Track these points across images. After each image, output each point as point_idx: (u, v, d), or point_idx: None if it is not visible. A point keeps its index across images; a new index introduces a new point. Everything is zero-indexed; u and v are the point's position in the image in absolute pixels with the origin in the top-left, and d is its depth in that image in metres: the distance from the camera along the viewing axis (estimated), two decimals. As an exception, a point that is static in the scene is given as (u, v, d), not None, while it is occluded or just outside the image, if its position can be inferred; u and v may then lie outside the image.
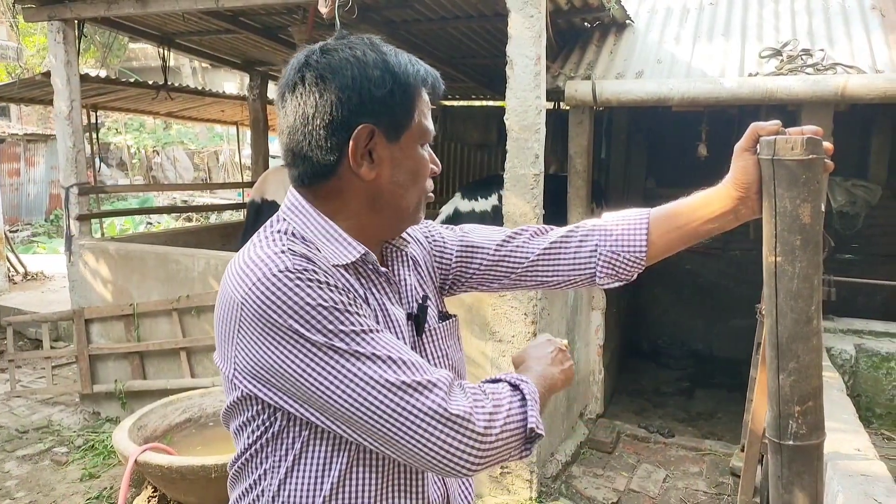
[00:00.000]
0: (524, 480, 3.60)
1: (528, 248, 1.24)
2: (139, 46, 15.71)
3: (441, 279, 1.27)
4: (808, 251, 1.02)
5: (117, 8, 4.31)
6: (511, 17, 3.31)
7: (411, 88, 1.03)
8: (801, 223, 1.01)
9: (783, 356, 1.05)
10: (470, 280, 1.27)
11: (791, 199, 1.01)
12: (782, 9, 4.67)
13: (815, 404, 1.06)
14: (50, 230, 13.62)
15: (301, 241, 1.02)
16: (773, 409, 1.08)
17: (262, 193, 5.46)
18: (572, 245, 1.22)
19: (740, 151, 1.09)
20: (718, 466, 4.13)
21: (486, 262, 1.25)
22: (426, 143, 1.08)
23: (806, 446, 1.06)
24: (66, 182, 4.72)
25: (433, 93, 1.08)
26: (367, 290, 1.05)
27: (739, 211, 1.11)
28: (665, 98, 3.90)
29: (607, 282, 1.22)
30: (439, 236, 1.27)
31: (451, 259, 1.26)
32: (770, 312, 1.06)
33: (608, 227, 1.22)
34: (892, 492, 2.07)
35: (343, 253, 1.03)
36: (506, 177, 3.45)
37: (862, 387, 3.91)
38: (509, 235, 1.26)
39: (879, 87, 3.57)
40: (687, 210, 1.17)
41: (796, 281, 1.03)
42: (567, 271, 1.23)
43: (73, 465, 4.10)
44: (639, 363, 6.39)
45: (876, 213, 5.90)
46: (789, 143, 1.01)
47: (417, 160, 1.06)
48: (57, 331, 6.39)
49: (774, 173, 1.02)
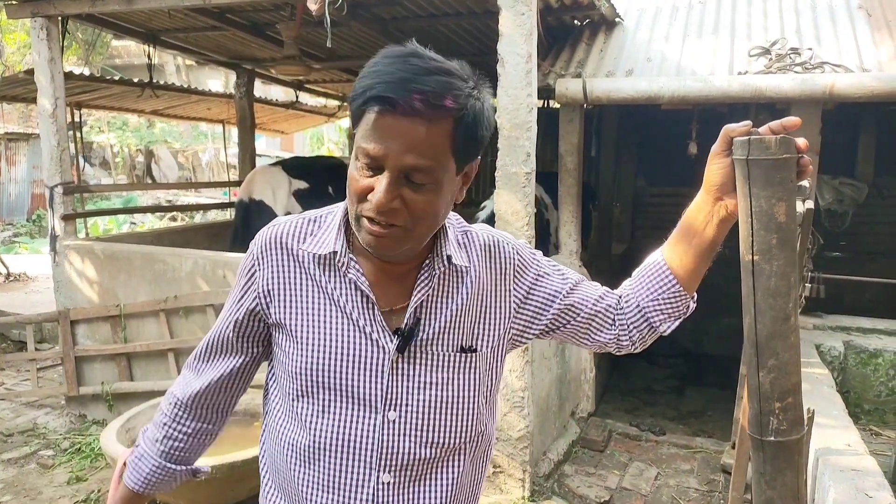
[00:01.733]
0: (516, 479, 3.59)
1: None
2: (122, 44, 15.52)
3: (526, 321, 1.24)
4: (785, 249, 1.03)
5: (102, 4, 4.25)
6: (502, 14, 3.30)
7: (358, 99, 0.99)
8: (777, 222, 1.02)
9: (762, 353, 1.06)
10: (556, 332, 1.27)
11: (766, 198, 1.02)
12: (770, 7, 4.70)
13: (794, 400, 1.06)
14: (32, 230, 13.44)
15: (312, 222, 1.16)
16: (753, 406, 1.09)
17: (250, 193, 5.43)
18: (626, 310, 1.26)
19: (712, 155, 1.10)
20: (709, 464, 4.15)
21: (580, 319, 1.25)
22: (364, 162, 0.99)
23: (787, 442, 1.07)
24: (50, 181, 4.64)
25: (385, 101, 0.94)
26: (328, 280, 1.12)
27: (718, 213, 1.13)
28: (655, 96, 3.91)
29: (668, 324, 1.24)
30: (549, 286, 1.24)
31: (550, 310, 1.24)
32: (748, 310, 1.06)
33: (636, 284, 1.26)
34: (882, 486, 2.09)
35: (324, 243, 1.12)
36: (497, 175, 3.44)
37: (851, 383, 3.95)
38: (601, 295, 1.27)
39: (867, 87, 3.60)
40: (686, 226, 1.18)
41: (774, 279, 1.03)
42: (629, 333, 1.26)
43: (59, 468, 4.03)
44: (630, 362, 6.39)
45: (863, 211, 5.97)
46: (763, 143, 1.01)
47: (350, 171, 1.03)
48: (41, 332, 6.31)
49: (749, 174, 1.03)
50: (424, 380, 1.12)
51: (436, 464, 1.14)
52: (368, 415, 1.10)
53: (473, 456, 1.20)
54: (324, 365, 1.10)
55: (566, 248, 4.57)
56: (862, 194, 5.93)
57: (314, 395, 1.11)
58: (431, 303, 1.13)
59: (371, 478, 1.10)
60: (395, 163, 0.96)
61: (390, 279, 1.13)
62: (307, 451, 1.12)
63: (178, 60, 15.75)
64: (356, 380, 1.10)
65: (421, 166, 0.97)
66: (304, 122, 9.81)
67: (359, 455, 1.10)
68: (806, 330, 4.06)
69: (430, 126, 0.96)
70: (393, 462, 1.10)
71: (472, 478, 1.22)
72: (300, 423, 1.12)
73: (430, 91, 0.95)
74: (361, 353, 1.10)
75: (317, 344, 1.10)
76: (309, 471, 1.13)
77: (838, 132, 5.83)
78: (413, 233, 1.03)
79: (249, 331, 1.20)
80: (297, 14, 4.52)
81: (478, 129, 1.02)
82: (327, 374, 1.10)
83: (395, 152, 0.96)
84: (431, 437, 1.12)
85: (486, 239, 1.21)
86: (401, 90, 0.94)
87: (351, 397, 1.10)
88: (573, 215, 4.55)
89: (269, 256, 1.15)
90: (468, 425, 1.16)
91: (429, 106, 0.95)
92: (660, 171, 6.57)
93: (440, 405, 1.12)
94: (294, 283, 1.13)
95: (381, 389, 1.10)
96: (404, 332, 1.10)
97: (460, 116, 0.98)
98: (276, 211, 5.29)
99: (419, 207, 1.00)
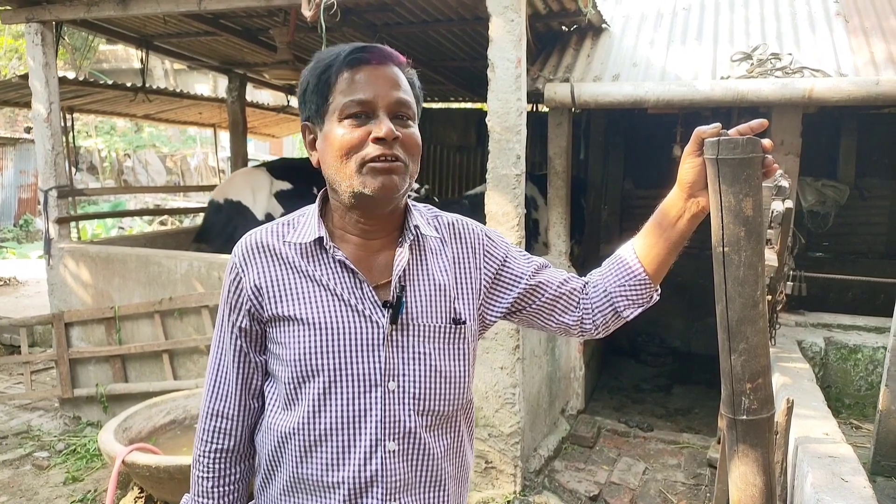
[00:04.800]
0: (508, 475, 3.67)
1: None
2: (109, 48, 15.50)
3: (494, 300, 1.32)
4: (752, 241, 1.12)
5: (98, 10, 4.29)
6: (492, 21, 3.38)
7: (325, 74, 1.15)
8: (745, 216, 1.11)
9: (734, 338, 1.15)
10: (521, 312, 1.35)
11: (734, 194, 1.11)
12: (752, 14, 4.81)
13: (764, 381, 1.15)
14: (19, 235, 13.35)
15: (286, 224, 1.23)
16: (727, 387, 1.18)
17: (225, 194, 5.40)
18: (592, 295, 1.34)
19: (685, 155, 1.19)
20: (696, 458, 4.24)
21: (545, 299, 1.33)
22: (350, 114, 1.12)
23: (758, 420, 1.15)
24: (45, 185, 4.68)
25: (356, 60, 1.13)
26: (314, 268, 1.18)
27: (690, 209, 1.22)
28: (641, 100, 4.01)
29: (632, 310, 1.32)
30: (516, 266, 1.33)
31: (516, 288, 1.32)
32: (720, 299, 1.16)
33: (605, 271, 1.35)
34: (857, 471, 2.18)
35: (306, 233, 1.20)
36: (488, 177, 3.53)
37: (832, 378, 4.05)
38: (566, 278, 1.36)
39: (844, 90, 3.72)
40: (659, 219, 1.27)
41: (742, 269, 1.12)
42: (593, 317, 1.34)
43: (55, 469, 4.06)
44: (619, 360, 6.50)
45: (846, 213, 6.10)
46: (731, 143, 1.11)
47: (335, 135, 1.13)
48: (33, 336, 6.31)
49: (718, 171, 1.12)
50: (419, 350, 1.19)
51: (432, 431, 1.21)
52: (370, 389, 1.16)
53: (463, 424, 1.28)
54: (322, 348, 1.15)
55: (555, 249, 4.66)
56: (844, 196, 6.06)
57: (315, 379, 1.15)
58: (413, 274, 1.22)
59: (378, 448, 1.16)
60: (386, 101, 1.13)
61: (370, 256, 1.22)
62: (316, 434, 1.16)
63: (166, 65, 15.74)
64: (355, 357, 1.16)
65: (405, 100, 1.15)
66: (294, 125, 9.83)
67: (366, 428, 1.16)
68: (788, 326, 4.16)
69: (399, 70, 1.17)
70: (397, 430, 1.17)
71: (463, 446, 1.29)
72: (305, 410, 1.16)
73: (386, 49, 1.17)
74: (357, 331, 1.16)
75: (313, 329, 1.16)
76: (317, 455, 1.16)
77: (820, 135, 5.98)
78: (409, 167, 1.16)
79: (253, 335, 1.22)
80: (291, 20, 4.59)
81: (420, 92, 1.23)
82: (327, 356, 1.15)
83: (384, 91, 1.13)
84: (428, 406, 1.20)
85: (452, 220, 1.33)
86: (366, 48, 1.15)
87: (351, 375, 1.16)
88: (562, 217, 4.64)
89: (252, 260, 1.20)
90: (460, 393, 1.24)
91: (390, 56, 1.16)
92: (647, 173, 6.68)
93: (435, 374, 1.20)
94: (281, 278, 1.18)
95: (379, 363, 1.16)
96: (393, 301, 1.18)
97: (410, 73, 1.21)
98: (255, 212, 5.28)
99: (411, 140, 1.16)
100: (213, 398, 1.25)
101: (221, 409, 1.24)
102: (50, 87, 4.57)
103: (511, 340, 3.54)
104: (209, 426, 1.25)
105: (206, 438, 1.25)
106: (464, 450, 1.29)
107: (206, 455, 1.25)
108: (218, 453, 1.25)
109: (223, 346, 1.24)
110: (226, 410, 1.24)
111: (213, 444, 1.25)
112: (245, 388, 1.24)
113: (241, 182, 5.51)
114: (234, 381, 1.24)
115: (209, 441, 1.25)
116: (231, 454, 1.26)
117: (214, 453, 1.25)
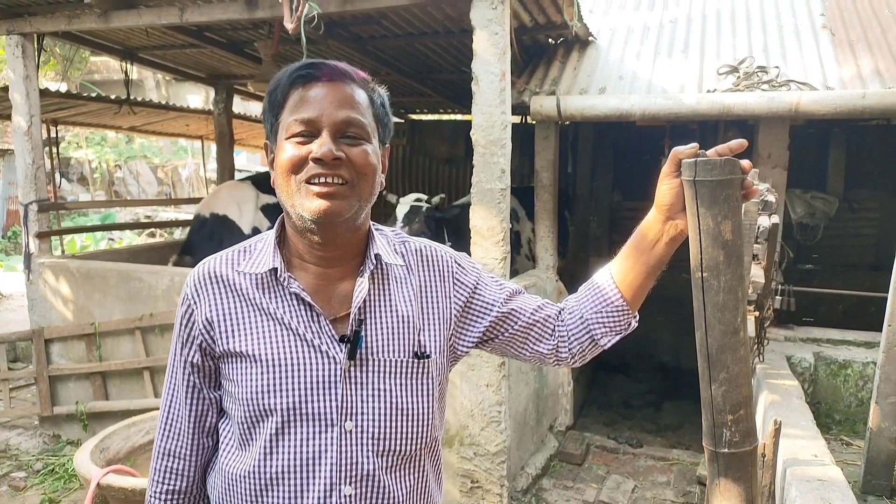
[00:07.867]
0: (494, 495, 3.60)
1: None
2: (101, 59, 15.44)
3: (465, 329, 1.27)
4: (732, 265, 1.07)
5: (79, 22, 4.24)
6: (476, 34, 3.35)
7: (275, 92, 1.12)
8: (724, 239, 1.06)
9: (714, 367, 1.10)
10: (493, 341, 1.29)
11: (713, 216, 1.06)
12: (739, 27, 4.81)
13: (746, 412, 1.10)
14: (7, 247, 13.23)
15: (242, 251, 1.17)
16: (707, 418, 1.13)
17: (211, 208, 5.36)
18: (568, 322, 1.28)
19: (663, 176, 1.14)
20: (686, 476, 4.18)
21: (518, 327, 1.28)
22: (295, 133, 1.08)
23: (740, 453, 1.10)
24: (25, 199, 4.60)
25: (305, 77, 1.09)
26: (269, 301, 1.12)
27: (668, 232, 1.17)
28: (627, 113, 3.98)
29: (609, 338, 1.27)
30: (488, 294, 1.27)
31: (488, 316, 1.26)
32: (699, 325, 1.11)
33: (581, 297, 1.29)
34: (846, 496, 2.13)
35: (261, 263, 1.14)
36: (472, 191, 3.48)
37: (822, 394, 4.01)
38: (540, 305, 1.30)
39: (830, 103, 3.70)
40: (637, 241, 1.22)
41: (722, 294, 1.08)
42: (569, 345, 1.28)
43: (31, 489, 3.97)
44: (608, 376, 6.44)
45: (835, 224, 6.09)
46: (709, 164, 1.05)
47: (280, 155, 1.09)
48: (14, 352, 6.21)
49: (696, 193, 1.07)
50: (378, 387, 1.12)
51: (393, 472, 1.14)
52: (326, 429, 1.09)
53: (428, 463, 1.21)
54: (275, 386, 1.09)
55: (543, 263, 4.61)
56: (833, 208, 6.05)
57: (269, 418, 1.09)
58: (374, 306, 1.15)
59: (334, 493, 1.09)
60: (330, 119, 1.07)
61: (329, 286, 1.15)
62: (267, 478, 1.09)
63: (157, 76, 15.67)
64: (310, 395, 1.09)
65: (353, 119, 1.09)
66: (285, 137, 9.81)
67: (321, 471, 1.09)
68: (777, 342, 4.12)
69: (353, 88, 1.11)
70: (354, 473, 1.10)
71: (428, 486, 1.22)
72: (257, 451, 1.10)
73: (342, 65, 1.12)
74: (312, 367, 1.10)
75: (265, 366, 1.09)
76: (267, 500, 1.09)
77: (809, 147, 5.97)
78: (357, 189, 1.09)
79: (206, 371, 1.16)
80: (275, 32, 4.55)
81: (388, 111, 1.18)
82: (280, 395, 1.08)
83: (329, 109, 1.08)
84: (389, 446, 1.13)
85: (421, 247, 1.26)
86: (315, 64, 1.10)
87: (306, 414, 1.09)
88: (549, 230, 4.60)
89: (204, 292, 1.14)
90: (424, 432, 1.17)
91: (346, 73, 1.11)
92: (636, 185, 6.65)
93: (396, 412, 1.13)
94: (234, 311, 1.13)
95: (335, 401, 1.10)
96: (350, 336, 1.11)
97: (372, 91, 1.15)
98: (242, 226, 5.23)
99: (360, 159, 1.09)
100: (165, 437, 1.18)
101: (173, 448, 1.18)
102: (30, 100, 4.50)
103: (496, 357, 3.49)
104: (160, 466, 1.18)
105: (158, 479, 1.19)
106: (430, 491, 1.22)
107: (157, 497, 1.19)
108: (169, 494, 1.18)
109: (175, 381, 1.18)
110: (178, 450, 1.18)
111: (164, 484, 1.18)
112: (198, 426, 1.17)
113: (226, 196, 5.45)
114: (186, 418, 1.17)
115: (160, 482, 1.18)
116: (183, 496, 1.19)
117: (165, 494, 1.18)
